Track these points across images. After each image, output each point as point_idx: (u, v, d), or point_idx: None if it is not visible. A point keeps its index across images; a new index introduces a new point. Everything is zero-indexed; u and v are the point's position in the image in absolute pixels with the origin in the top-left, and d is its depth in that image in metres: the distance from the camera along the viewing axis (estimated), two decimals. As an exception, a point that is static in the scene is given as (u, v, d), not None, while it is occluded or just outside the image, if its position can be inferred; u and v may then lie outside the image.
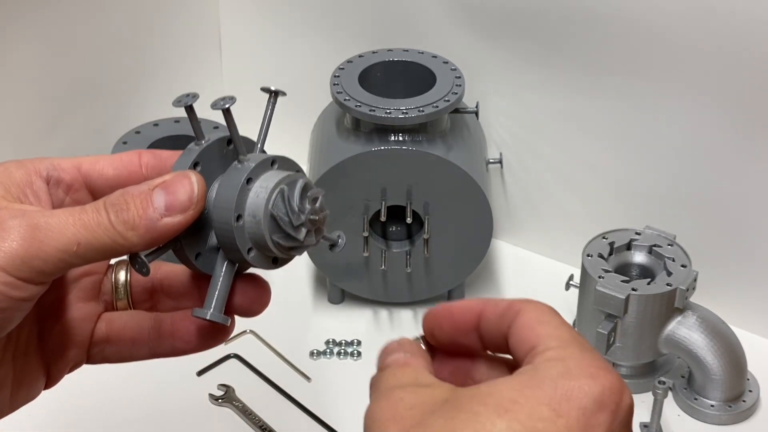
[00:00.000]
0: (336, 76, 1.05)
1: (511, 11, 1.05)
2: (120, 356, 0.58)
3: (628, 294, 0.93)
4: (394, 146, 1.00)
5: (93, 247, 0.48)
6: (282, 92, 0.56)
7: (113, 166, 0.54)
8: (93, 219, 0.48)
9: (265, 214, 0.51)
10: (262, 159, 0.52)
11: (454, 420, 0.42)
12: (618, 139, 1.05)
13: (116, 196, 0.49)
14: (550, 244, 1.15)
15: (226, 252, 0.52)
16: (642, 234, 1.00)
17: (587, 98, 1.04)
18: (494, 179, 1.14)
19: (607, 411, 0.44)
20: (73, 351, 0.56)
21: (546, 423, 0.42)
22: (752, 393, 0.98)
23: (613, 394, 0.44)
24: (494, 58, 1.08)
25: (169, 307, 0.57)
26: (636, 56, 1.00)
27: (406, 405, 0.45)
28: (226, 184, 0.52)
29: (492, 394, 0.43)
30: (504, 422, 0.42)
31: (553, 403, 0.43)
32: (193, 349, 0.56)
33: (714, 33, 0.94)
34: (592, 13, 1.00)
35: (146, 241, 0.49)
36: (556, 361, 0.45)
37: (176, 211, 0.49)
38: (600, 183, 1.09)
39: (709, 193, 1.02)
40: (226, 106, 0.51)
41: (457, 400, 0.44)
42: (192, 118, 0.52)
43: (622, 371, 0.99)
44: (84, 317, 0.56)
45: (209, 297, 0.52)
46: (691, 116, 0.99)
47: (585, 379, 0.44)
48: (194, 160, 0.52)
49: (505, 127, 1.12)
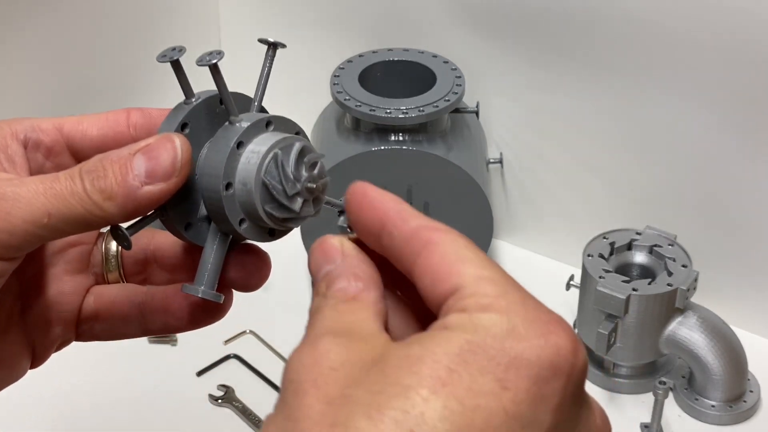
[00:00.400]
0: (336, 75, 1.05)
1: (512, 11, 1.05)
2: (110, 333, 0.53)
3: (628, 294, 0.92)
4: (394, 146, 1.00)
5: (66, 218, 0.44)
6: (281, 44, 0.50)
7: (98, 126, 0.49)
8: (66, 187, 0.44)
9: (256, 181, 0.46)
10: (255, 120, 0.47)
11: (380, 395, 0.36)
12: (619, 138, 1.05)
13: (94, 161, 0.45)
14: (551, 244, 1.15)
15: (216, 223, 0.47)
16: (643, 234, 1.00)
17: (588, 98, 1.04)
18: (494, 179, 1.14)
19: (562, 376, 0.37)
20: (58, 327, 0.52)
21: (489, 398, 0.36)
22: (753, 393, 0.98)
23: (567, 354, 0.38)
24: (495, 58, 1.08)
25: (163, 280, 0.53)
26: (637, 56, 1.00)
27: (331, 363, 0.38)
28: (214, 147, 0.46)
29: (424, 360, 0.36)
30: (440, 400, 0.35)
31: (499, 372, 0.36)
32: (186, 327, 0.52)
33: (715, 33, 0.94)
34: (592, 12, 1.00)
35: (126, 212, 0.44)
36: (498, 315, 0.38)
37: (158, 179, 0.44)
38: (600, 183, 1.09)
39: (710, 193, 1.02)
40: (213, 61, 0.46)
41: (385, 365, 0.37)
42: (179, 74, 0.47)
43: (623, 372, 0.99)
44: (70, 291, 0.52)
45: (200, 272, 0.47)
46: (693, 116, 0.99)
47: (535, 339, 0.37)
48: (182, 121, 0.47)
49: (505, 127, 1.12)
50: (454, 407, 0.35)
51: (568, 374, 0.37)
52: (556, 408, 0.37)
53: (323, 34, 1.19)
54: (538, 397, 0.37)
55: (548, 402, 0.37)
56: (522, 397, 0.36)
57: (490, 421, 0.36)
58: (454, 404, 0.35)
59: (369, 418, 0.35)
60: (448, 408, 0.35)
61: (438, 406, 0.35)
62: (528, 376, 0.37)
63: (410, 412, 0.35)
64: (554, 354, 0.37)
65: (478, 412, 0.36)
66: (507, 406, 0.36)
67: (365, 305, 0.41)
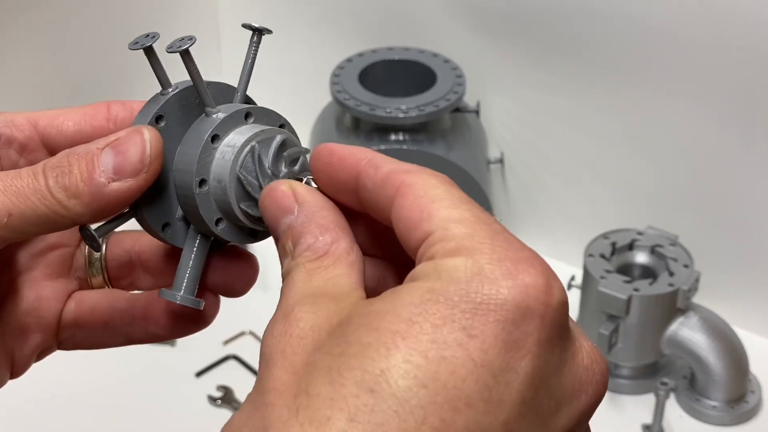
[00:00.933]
0: (336, 75, 1.04)
1: (513, 10, 1.04)
2: (92, 342, 0.50)
3: (630, 294, 0.92)
4: (394, 145, 1.00)
5: (28, 218, 0.41)
6: (267, 30, 0.46)
7: (74, 121, 0.46)
8: (28, 185, 0.41)
9: (231, 177, 0.42)
10: (232, 111, 0.43)
11: (341, 357, 0.33)
12: (620, 138, 1.05)
13: (59, 156, 0.42)
14: (552, 244, 1.14)
15: (193, 223, 0.44)
16: (644, 234, 0.99)
17: (589, 98, 1.04)
18: (495, 179, 1.14)
19: (533, 318, 0.34)
20: (38, 335, 0.48)
21: (454, 349, 0.33)
22: (754, 394, 0.97)
23: (538, 294, 0.34)
24: (495, 58, 1.08)
25: (149, 285, 0.50)
26: (639, 56, 0.99)
27: (301, 331, 0.35)
28: (188, 141, 0.43)
29: (385, 315, 0.34)
30: (400, 354, 0.33)
31: (464, 319, 0.33)
32: (169, 335, 0.48)
33: (716, 33, 0.94)
34: (593, 12, 0.99)
35: (93, 211, 0.41)
36: (463, 258, 0.35)
37: (126, 175, 0.41)
38: (602, 183, 1.08)
39: (711, 193, 1.02)
40: (183, 47, 0.42)
41: (348, 325, 0.35)
42: (153, 62, 0.44)
43: (625, 372, 0.99)
44: (50, 297, 0.49)
45: (178, 276, 0.44)
46: (694, 116, 0.99)
47: (503, 280, 0.34)
48: (156, 113, 0.43)
49: (506, 127, 1.12)
50: (416, 361, 0.33)
51: (542, 315, 0.34)
52: (532, 353, 0.34)
53: (323, 33, 1.18)
54: (508, 343, 0.34)
55: (521, 347, 0.34)
56: (490, 345, 0.33)
57: (457, 372, 0.33)
58: (417, 358, 0.33)
59: (330, 383, 0.33)
60: (410, 362, 0.33)
61: (398, 361, 0.33)
62: (496, 321, 0.34)
63: (369, 371, 0.33)
64: (523, 294, 0.34)
65: (443, 364, 0.33)
66: (474, 355, 0.33)
67: (336, 259, 0.38)
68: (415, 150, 0.99)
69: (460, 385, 0.33)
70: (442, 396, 0.33)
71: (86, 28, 1.12)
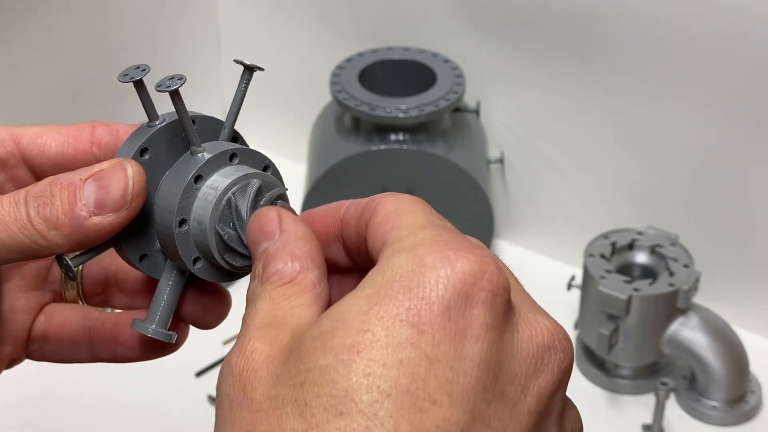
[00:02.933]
0: (336, 75, 1.04)
1: (512, 10, 1.04)
2: (60, 356, 0.49)
3: (630, 294, 0.92)
4: (394, 146, 1.00)
5: (6, 246, 0.41)
6: (258, 67, 0.45)
7: (57, 141, 0.45)
8: (9, 213, 0.41)
9: (210, 224, 0.42)
10: (218, 152, 0.43)
11: (303, 386, 0.33)
12: (620, 138, 1.05)
13: (42, 185, 0.41)
14: (552, 244, 1.14)
15: (171, 259, 0.44)
16: (644, 234, 0.99)
17: (589, 97, 1.04)
18: (495, 179, 1.14)
19: (475, 303, 0.34)
20: (8, 346, 0.48)
21: (408, 349, 0.33)
22: (754, 394, 0.97)
23: (474, 280, 0.34)
24: (495, 57, 1.08)
25: (122, 304, 0.50)
26: (639, 55, 0.99)
27: (255, 363, 0.35)
28: (172, 179, 0.43)
29: (336, 332, 0.33)
30: (360, 369, 0.32)
31: (411, 316, 0.33)
32: (137, 358, 0.48)
33: (716, 32, 0.94)
34: (593, 11, 0.99)
35: (72, 243, 0.41)
36: (405, 252, 0.35)
37: (108, 210, 0.41)
38: (602, 182, 1.08)
39: (712, 192, 1.01)
40: (173, 87, 0.41)
41: (302, 351, 0.34)
42: (142, 95, 0.43)
43: (624, 372, 0.99)
44: (22, 309, 0.49)
45: (152, 309, 0.45)
46: (695, 116, 0.99)
47: (441, 268, 0.34)
48: (141, 146, 0.43)
49: (506, 127, 1.11)
50: (376, 371, 0.33)
51: (487, 300, 0.34)
52: (481, 338, 0.34)
53: (323, 33, 1.18)
54: (457, 333, 0.33)
55: (469, 335, 0.34)
56: (440, 338, 0.33)
57: (416, 373, 0.33)
58: (376, 368, 0.33)
59: (300, 415, 0.33)
60: (370, 374, 0.33)
61: (359, 377, 0.33)
62: (440, 313, 0.33)
63: (334, 394, 0.32)
64: (461, 282, 0.34)
65: (401, 368, 0.33)
66: (427, 351, 0.33)
67: (301, 289, 0.38)
68: (415, 150, 0.99)
69: (421, 385, 0.33)
70: (407, 400, 0.33)
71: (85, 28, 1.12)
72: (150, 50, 1.20)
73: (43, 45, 1.08)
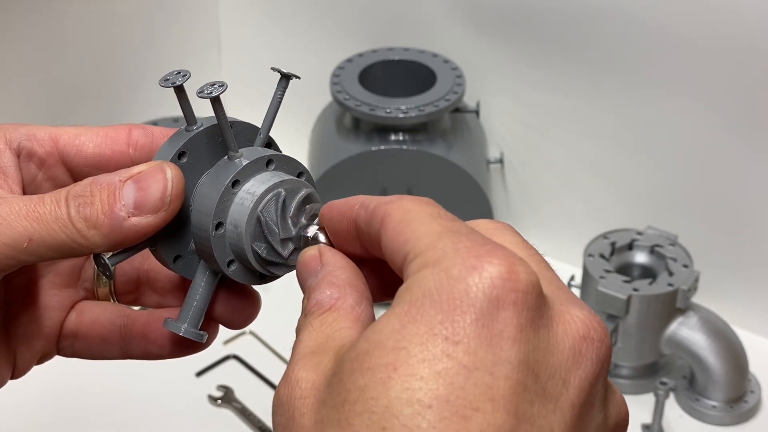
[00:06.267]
0: (336, 75, 1.04)
1: (513, 10, 1.04)
2: (90, 353, 0.50)
3: (629, 294, 0.92)
4: (394, 146, 1.00)
5: (47, 244, 0.42)
6: (295, 75, 0.46)
7: (95, 143, 0.46)
8: (50, 212, 0.42)
9: (249, 217, 0.43)
10: (255, 157, 0.44)
11: (344, 407, 0.34)
12: (620, 138, 1.05)
13: (83, 185, 0.42)
14: (551, 244, 1.14)
15: (205, 261, 0.45)
16: (644, 234, 0.99)
17: (589, 97, 1.04)
18: (495, 179, 1.14)
19: (507, 307, 0.34)
20: (40, 342, 0.49)
21: (444, 361, 0.33)
22: (754, 394, 0.98)
23: (505, 281, 0.34)
24: (495, 58, 1.08)
25: (153, 302, 0.51)
26: (638, 55, 0.99)
27: (302, 391, 0.36)
28: (209, 183, 0.44)
29: (372, 352, 0.34)
30: (398, 385, 0.33)
31: (443, 328, 0.34)
32: (168, 355, 0.49)
33: (716, 32, 0.94)
34: (593, 12, 0.99)
35: (110, 242, 0.42)
36: (430, 267, 0.35)
37: (146, 211, 0.42)
38: (601, 182, 1.08)
39: (711, 192, 1.02)
40: (215, 94, 0.43)
41: (341, 373, 0.35)
42: (182, 100, 0.44)
43: (624, 372, 0.99)
44: (56, 306, 0.50)
45: (185, 309, 0.46)
46: (694, 116, 0.99)
47: (469, 278, 0.34)
48: (180, 149, 0.44)
49: (505, 127, 1.12)
50: (414, 385, 0.33)
51: (517, 301, 0.34)
52: (516, 340, 0.34)
53: (323, 33, 1.18)
54: (492, 337, 0.34)
55: (504, 338, 0.34)
56: (475, 345, 0.34)
57: (455, 383, 0.33)
58: (413, 382, 0.33)
59: None
60: (408, 389, 0.33)
61: (398, 392, 0.33)
62: (473, 321, 0.34)
63: (375, 410, 0.33)
64: (489, 287, 0.34)
65: (439, 380, 0.33)
66: (464, 360, 0.33)
67: (341, 314, 0.39)
68: (414, 150, 0.99)
69: (461, 394, 0.33)
70: (448, 410, 0.33)
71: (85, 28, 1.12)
72: (150, 50, 1.20)
73: (44, 45, 1.08)
